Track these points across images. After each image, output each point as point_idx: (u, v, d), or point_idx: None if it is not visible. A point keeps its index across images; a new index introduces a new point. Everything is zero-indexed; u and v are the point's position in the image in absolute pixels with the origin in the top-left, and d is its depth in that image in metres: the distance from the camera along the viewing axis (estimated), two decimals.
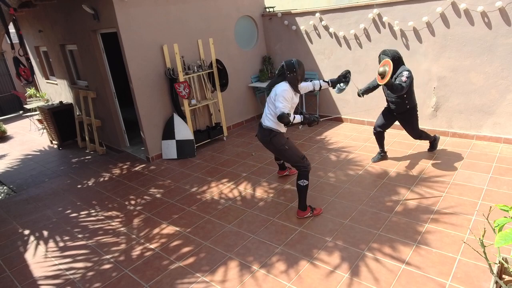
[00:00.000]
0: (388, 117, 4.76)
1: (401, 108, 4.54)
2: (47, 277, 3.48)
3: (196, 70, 6.11)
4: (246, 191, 4.64)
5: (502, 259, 2.25)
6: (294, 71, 3.69)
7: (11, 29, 5.38)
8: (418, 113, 4.67)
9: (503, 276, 2.33)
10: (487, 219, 1.93)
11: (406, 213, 3.73)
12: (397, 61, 4.42)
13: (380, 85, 4.49)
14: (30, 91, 9.26)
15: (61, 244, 4.01)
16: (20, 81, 5.90)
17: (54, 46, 7.43)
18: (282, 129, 3.84)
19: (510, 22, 4.53)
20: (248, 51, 7.18)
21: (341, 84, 4.19)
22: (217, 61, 6.33)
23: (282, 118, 3.51)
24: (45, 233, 4.29)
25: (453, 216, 3.58)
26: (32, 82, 5.97)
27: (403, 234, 3.41)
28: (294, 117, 3.60)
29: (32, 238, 4.23)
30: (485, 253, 1.92)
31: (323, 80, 4.21)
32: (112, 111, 6.48)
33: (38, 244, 4.09)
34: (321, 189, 4.43)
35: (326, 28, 6.32)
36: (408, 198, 4.00)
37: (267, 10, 7.26)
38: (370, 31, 5.81)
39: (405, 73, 4.31)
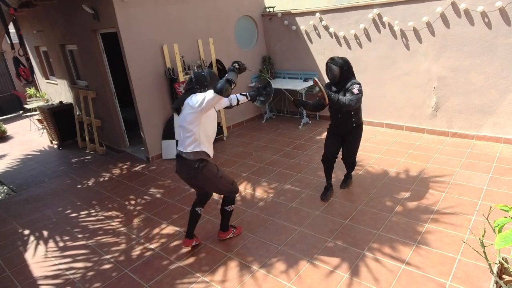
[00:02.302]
0: (337, 139, 4.11)
1: (346, 126, 3.96)
2: (47, 277, 3.48)
3: (196, 70, 6.11)
4: (246, 191, 4.64)
5: (502, 259, 2.25)
6: (206, 85, 3.09)
7: (11, 29, 5.38)
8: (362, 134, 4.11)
9: (503, 276, 2.33)
10: (487, 219, 1.93)
11: (406, 213, 3.73)
12: (347, 72, 3.83)
13: (326, 105, 3.82)
14: (30, 91, 9.26)
15: (61, 244, 4.00)
16: (20, 81, 5.90)
17: (54, 46, 7.42)
18: (210, 152, 3.23)
19: (510, 22, 4.53)
20: (248, 51, 7.18)
21: (261, 98, 3.57)
22: (217, 61, 6.33)
23: (222, 88, 2.76)
24: (45, 233, 4.29)
25: (453, 216, 3.58)
26: (32, 82, 5.97)
27: (403, 234, 3.41)
28: (237, 99, 3.41)
29: (32, 238, 4.23)
30: (485, 253, 1.91)
31: (241, 94, 3.56)
32: (112, 111, 6.48)
33: (38, 244, 4.09)
34: (321, 189, 4.42)
35: (326, 28, 6.32)
36: (408, 198, 3.99)
37: (267, 10, 7.26)
38: (370, 31, 5.81)
39: (356, 86, 3.72)
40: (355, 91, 3.70)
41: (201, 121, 3.03)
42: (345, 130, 3.98)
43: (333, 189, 4.36)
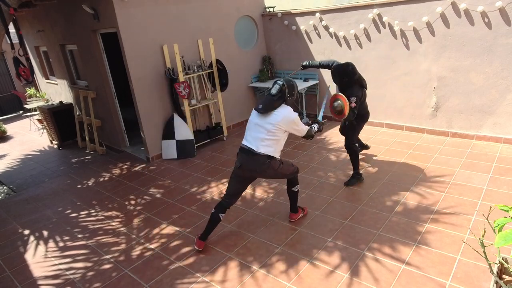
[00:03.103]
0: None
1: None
2: (47, 277, 3.48)
3: (196, 70, 6.11)
4: (246, 191, 4.64)
5: (502, 259, 2.25)
6: (294, 94, 3.37)
7: (11, 29, 5.38)
8: (361, 125, 4.47)
9: (503, 276, 2.33)
10: (487, 219, 1.93)
11: (406, 213, 3.73)
12: (347, 82, 4.10)
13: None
14: (30, 91, 9.26)
15: (61, 244, 4.00)
16: (20, 81, 5.90)
17: (54, 46, 7.42)
18: (279, 152, 3.49)
19: (510, 22, 4.53)
20: (248, 51, 7.18)
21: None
22: (217, 61, 6.34)
23: (309, 135, 3.57)
24: (45, 233, 4.29)
25: (453, 216, 3.58)
26: (32, 82, 5.97)
27: (403, 234, 3.41)
28: (313, 128, 3.67)
29: (32, 238, 4.23)
30: (485, 253, 1.91)
31: (312, 125, 3.74)
32: (112, 111, 6.48)
33: (38, 244, 4.09)
34: (321, 189, 4.43)
35: (326, 28, 6.32)
36: (408, 198, 3.99)
37: (267, 10, 7.26)
38: (370, 31, 5.81)
39: (353, 99, 4.02)
40: (353, 104, 4.06)
41: (282, 136, 3.40)
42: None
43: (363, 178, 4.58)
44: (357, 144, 4.67)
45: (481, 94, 5.01)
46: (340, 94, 4.07)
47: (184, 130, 6.01)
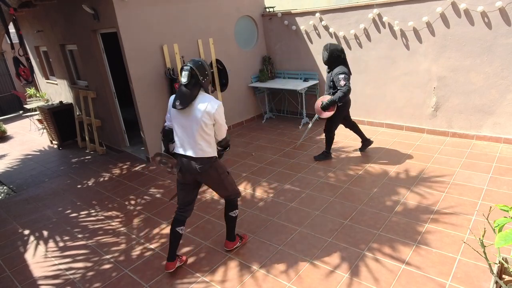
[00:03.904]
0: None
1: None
2: (47, 277, 3.48)
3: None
4: (246, 191, 4.64)
5: (502, 259, 2.25)
6: (207, 74, 2.97)
7: (11, 29, 5.38)
8: (341, 112, 4.85)
9: (503, 276, 2.33)
10: (487, 219, 1.93)
11: (406, 213, 3.73)
12: (334, 59, 4.61)
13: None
14: (30, 91, 9.26)
15: (61, 244, 4.00)
16: (20, 81, 5.90)
17: (54, 46, 7.42)
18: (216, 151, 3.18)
19: (510, 22, 4.53)
20: (248, 51, 7.18)
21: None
22: (217, 61, 6.33)
23: (227, 141, 3.23)
24: (45, 233, 4.29)
25: (453, 216, 3.58)
26: (32, 82, 5.97)
27: (403, 234, 3.41)
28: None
29: (32, 238, 4.23)
30: (485, 253, 1.91)
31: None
32: (112, 111, 6.48)
33: (38, 244, 4.09)
34: (321, 189, 4.43)
35: (326, 28, 6.32)
36: (408, 198, 3.99)
37: (267, 10, 7.26)
38: (370, 31, 5.81)
39: (341, 76, 4.49)
40: (342, 82, 4.47)
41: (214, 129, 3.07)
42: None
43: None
44: (364, 141, 5.22)
45: (481, 94, 5.01)
46: (323, 97, 4.74)
47: None
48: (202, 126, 2.90)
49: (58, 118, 7.32)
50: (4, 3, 4.71)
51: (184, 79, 2.90)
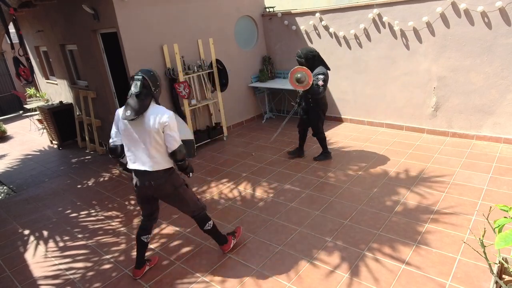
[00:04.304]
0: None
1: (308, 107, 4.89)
2: (47, 277, 3.48)
3: (196, 70, 6.11)
4: (246, 191, 4.64)
5: (502, 259, 2.25)
6: (159, 85, 2.89)
7: (11, 29, 5.38)
8: (323, 115, 4.97)
9: (503, 276, 2.33)
10: (487, 219, 1.93)
11: (406, 213, 3.73)
12: (311, 60, 4.64)
13: (303, 91, 4.72)
14: (30, 91, 9.26)
15: (61, 244, 4.00)
16: (20, 81, 5.90)
17: (54, 46, 7.42)
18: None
19: (510, 22, 4.53)
20: (248, 51, 7.18)
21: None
22: (217, 61, 6.33)
23: (181, 153, 2.90)
24: (45, 233, 4.29)
25: (453, 216, 3.58)
26: (32, 82, 5.97)
27: (403, 234, 3.41)
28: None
29: (32, 238, 4.23)
30: (485, 253, 1.91)
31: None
32: (112, 111, 6.46)
33: (38, 244, 4.08)
34: (321, 189, 4.43)
35: (326, 28, 6.32)
36: (408, 198, 3.99)
37: (267, 10, 7.26)
38: (370, 31, 5.81)
39: (320, 77, 4.52)
40: (320, 82, 4.51)
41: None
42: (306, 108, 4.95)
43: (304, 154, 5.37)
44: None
45: (481, 94, 5.01)
46: (302, 67, 4.54)
47: (184, 130, 5.99)
48: (155, 138, 2.80)
49: (58, 118, 7.32)
50: (4, 3, 4.71)
51: (135, 88, 2.77)
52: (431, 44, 5.25)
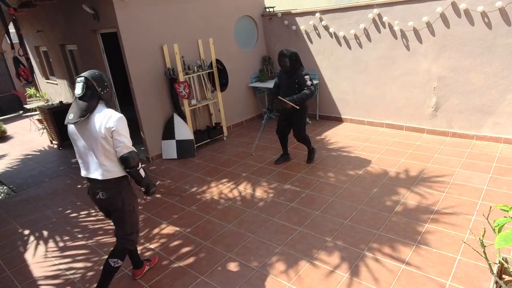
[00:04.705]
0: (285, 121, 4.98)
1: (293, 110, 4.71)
2: (47, 277, 3.48)
3: (196, 70, 6.11)
4: (246, 191, 4.64)
5: (502, 259, 2.25)
6: (107, 86, 2.72)
7: (11, 29, 5.38)
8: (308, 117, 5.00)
9: (503, 276, 2.33)
10: (487, 219, 1.93)
11: (406, 213, 3.73)
12: (294, 62, 4.58)
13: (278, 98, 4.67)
14: (30, 91, 9.26)
15: (61, 244, 4.00)
16: (20, 81, 5.90)
17: (54, 46, 7.43)
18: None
19: (510, 22, 4.53)
20: (248, 51, 7.18)
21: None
22: (217, 61, 6.33)
23: (133, 159, 2.63)
24: (45, 233, 4.29)
25: (453, 216, 3.58)
26: (32, 82, 5.97)
27: (403, 234, 3.41)
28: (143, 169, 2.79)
29: (32, 238, 4.23)
30: (485, 253, 1.91)
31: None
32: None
33: (38, 244, 4.09)
34: (321, 189, 4.43)
35: (326, 28, 6.32)
36: (408, 198, 3.99)
37: (267, 10, 7.26)
38: (370, 31, 5.81)
39: (307, 77, 4.54)
40: (308, 82, 4.52)
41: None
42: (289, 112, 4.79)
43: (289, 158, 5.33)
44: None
45: (481, 94, 5.01)
46: (280, 99, 4.59)
47: (184, 130, 6.01)
48: (102, 144, 2.61)
49: (58, 118, 7.31)
50: (4, 3, 4.71)
51: (78, 90, 2.62)
52: (431, 44, 5.25)
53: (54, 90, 8.54)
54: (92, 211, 4.66)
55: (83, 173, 2.83)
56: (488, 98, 4.96)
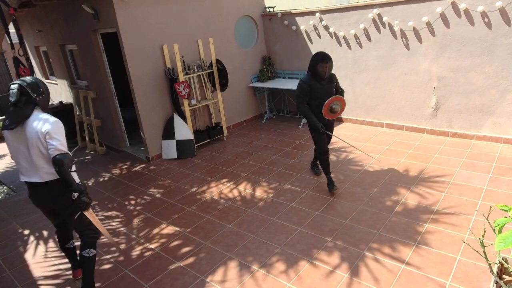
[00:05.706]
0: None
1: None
2: (47, 277, 3.48)
3: (196, 70, 6.11)
4: (246, 191, 4.64)
5: (502, 259, 2.25)
6: (42, 92, 2.76)
7: (11, 29, 5.38)
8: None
9: (503, 276, 2.33)
10: (487, 219, 1.93)
11: (406, 213, 3.73)
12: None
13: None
14: None
15: None
16: None
17: (54, 46, 7.43)
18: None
19: (510, 22, 4.53)
20: (248, 51, 7.18)
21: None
22: (217, 61, 6.33)
23: (64, 161, 2.60)
24: (45, 233, 4.29)
25: (453, 216, 3.58)
26: None
27: (403, 234, 3.41)
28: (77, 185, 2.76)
29: (32, 238, 4.23)
30: (485, 253, 1.91)
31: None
32: (112, 111, 6.47)
33: (38, 244, 4.09)
34: (321, 189, 4.43)
35: (326, 28, 6.32)
36: (408, 198, 3.99)
37: (267, 10, 7.26)
38: (370, 31, 5.81)
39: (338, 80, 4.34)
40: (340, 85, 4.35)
41: None
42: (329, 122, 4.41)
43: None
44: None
45: (481, 94, 5.01)
46: (339, 96, 4.13)
47: (184, 130, 6.01)
48: (38, 148, 2.66)
49: (58, 118, 7.30)
50: (4, 3, 4.71)
51: (12, 97, 2.66)
52: (431, 44, 5.25)
53: (54, 90, 8.54)
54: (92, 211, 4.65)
55: (22, 178, 2.83)
56: (488, 98, 4.96)
